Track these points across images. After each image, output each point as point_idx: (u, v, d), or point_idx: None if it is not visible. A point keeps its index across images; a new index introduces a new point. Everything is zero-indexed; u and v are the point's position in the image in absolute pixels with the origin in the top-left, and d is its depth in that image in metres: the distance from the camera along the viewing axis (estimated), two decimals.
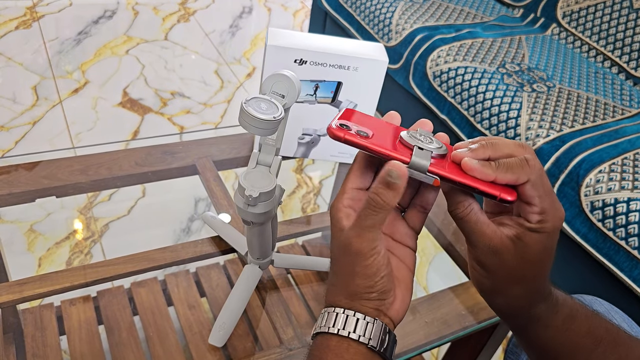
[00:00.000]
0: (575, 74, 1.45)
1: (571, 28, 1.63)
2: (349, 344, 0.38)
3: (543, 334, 0.42)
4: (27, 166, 0.74)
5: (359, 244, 0.38)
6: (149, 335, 0.84)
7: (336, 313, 0.39)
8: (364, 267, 0.38)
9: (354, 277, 0.39)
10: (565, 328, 0.42)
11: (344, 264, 0.39)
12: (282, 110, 0.47)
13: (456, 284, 0.71)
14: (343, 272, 0.40)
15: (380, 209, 0.37)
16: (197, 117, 1.69)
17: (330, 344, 0.39)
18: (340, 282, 0.40)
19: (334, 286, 0.40)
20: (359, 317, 0.39)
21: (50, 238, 1.19)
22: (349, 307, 0.39)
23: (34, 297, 0.59)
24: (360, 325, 0.38)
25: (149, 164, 0.78)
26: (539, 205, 0.37)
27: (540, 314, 0.42)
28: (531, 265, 0.39)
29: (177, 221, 1.29)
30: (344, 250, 0.39)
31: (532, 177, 0.37)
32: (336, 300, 0.40)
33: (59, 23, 2.02)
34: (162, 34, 2.08)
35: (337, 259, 0.40)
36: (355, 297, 0.39)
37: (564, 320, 0.42)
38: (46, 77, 1.73)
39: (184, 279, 0.94)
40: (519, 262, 0.38)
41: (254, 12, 2.40)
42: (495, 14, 1.72)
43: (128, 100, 1.70)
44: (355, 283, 0.39)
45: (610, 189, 1.07)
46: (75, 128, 1.54)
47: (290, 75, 0.50)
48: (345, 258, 0.39)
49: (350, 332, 0.38)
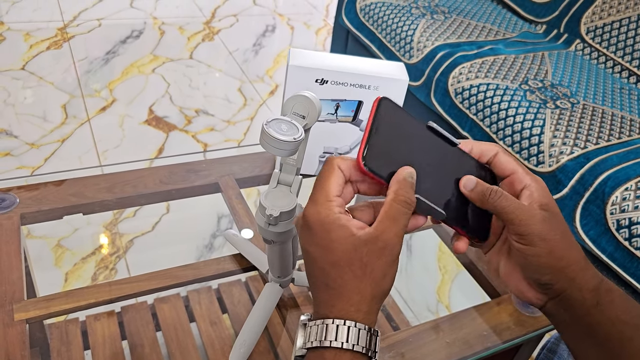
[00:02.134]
0: (600, 90, 1.43)
1: (595, 44, 1.61)
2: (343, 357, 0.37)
3: (594, 311, 0.42)
4: (55, 184, 0.76)
5: (399, 244, 0.39)
6: (171, 351, 0.84)
7: (348, 327, 0.38)
8: (393, 263, 0.39)
9: (383, 278, 0.39)
10: (610, 300, 0.42)
11: (375, 267, 0.38)
12: (302, 131, 0.48)
13: (479, 302, 0.70)
14: (370, 277, 0.38)
15: (410, 207, 0.39)
16: (220, 134, 1.71)
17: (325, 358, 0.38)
18: (360, 287, 0.38)
19: (345, 294, 0.39)
20: (360, 328, 0.38)
21: (77, 253, 1.22)
22: (361, 319, 0.38)
23: (60, 313, 0.61)
24: (363, 336, 0.38)
25: (172, 182, 0.79)
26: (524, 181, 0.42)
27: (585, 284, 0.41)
28: (563, 225, 0.42)
29: (200, 237, 1.31)
30: (377, 253, 0.38)
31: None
32: (349, 311, 0.38)
33: (88, 43, 2.08)
34: (187, 52, 2.13)
35: (354, 265, 0.38)
36: (374, 301, 0.39)
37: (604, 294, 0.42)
38: (75, 96, 1.77)
39: (206, 295, 0.95)
40: (556, 222, 0.41)
41: (277, 31, 2.44)
42: (518, 30, 1.71)
43: (154, 117, 1.73)
44: (385, 283, 0.39)
45: (637, 207, 1.05)
46: (102, 145, 1.58)
47: (310, 96, 0.51)
48: (379, 260, 0.38)
49: (364, 347, 0.37)
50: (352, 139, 0.80)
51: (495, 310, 0.68)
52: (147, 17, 2.33)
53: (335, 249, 0.38)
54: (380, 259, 0.38)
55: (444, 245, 0.81)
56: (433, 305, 1.27)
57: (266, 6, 2.65)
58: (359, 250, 0.38)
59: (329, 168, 0.41)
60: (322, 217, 0.39)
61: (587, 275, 0.41)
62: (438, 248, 1.39)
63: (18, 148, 1.52)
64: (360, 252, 0.38)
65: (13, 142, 1.54)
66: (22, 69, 1.86)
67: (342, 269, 0.38)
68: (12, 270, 0.63)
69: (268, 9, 2.63)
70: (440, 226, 0.81)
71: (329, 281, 0.39)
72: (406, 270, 1.32)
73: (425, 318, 0.75)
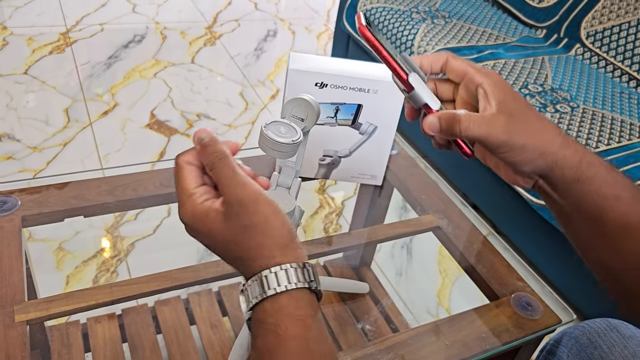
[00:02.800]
0: (600, 94, 1.43)
1: (595, 48, 1.62)
2: (296, 298, 0.39)
3: (575, 187, 0.43)
4: (57, 187, 0.76)
5: (244, 190, 0.40)
6: (171, 353, 0.85)
7: (274, 273, 0.39)
8: (273, 213, 0.41)
9: (265, 222, 0.40)
10: (592, 174, 0.43)
11: (253, 222, 0.40)
12: (300, 133, 0.49)
13: (479, 305, 0.70)
14: (256, 229, 0.40)
15: (221, 159, 0.41)
16: (221, 138, 1.71)
17: (281, 304, 0.39)
18: (263, 242, 0.40)
19: (254, 253, 0.40)
20: (297, 267, 0.39)
21: (78, 256, 1.22)
22: (287, 261, 0.39)
23: (60, 315, 0.61)
24: (303, 274, 0.39)
25: (173, 184, 0.79)
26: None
27: (566, 161, 0.43)
28: (528, 112, 0.44)
29: None
30: (243, 212, 0.40)
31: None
32: (270, 262, 0.40)
33: (91, 48, 2.09)
34: (188, 57, 2.14)
35: (241, 227, 0.40)
36: (286, 248, 0.40)
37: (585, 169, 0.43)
38: (77, 100, 1.78)
39: (207, 298, 0.95)
40: (520, 116, 0.43)
41: (278, 35, 2.45)
42: (518, 34, 1.72)
43: (155, 121, 1.74)
44: (270, 225, 0.40)
45: None
46: (104, 149, 1.58)
47: (309, 99, 0.51)
48: (250, 215, 0.40)
49: (297, 282, 0.39)
50: (351, 142, 0.80)
51: (494, 312, 0.68)
52: (149, 22, 2.35)
53: (215, 229, 0.41)
54: (249, 215, 0.40)
55: (444, 249, 0.81)
56: (433, 308, 1.27)
57: (268, 11, 2.66)
58: (230, 219, 0.40)
59: (177, 168, 0.43)
60: (191, 214, 0.42)
61: (568, 152, 0.43)
62: (438, 252, 1.40)
63: (20, 151, 1.53)
64: (232, 220, 0.40)
65: (15, 145, 1.55)
66: (24, 73, 1.87)
67: (229, 241, 0.41)
68: (13, 272, 0.63)
69: (269, 14, 2.64)
70: (439, 230, 0.81)
71: (230, 253, 0.42)
72: (406, 273, 1.32)
73: (425, 321, 0.75)
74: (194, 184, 0.43)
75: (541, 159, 0.43)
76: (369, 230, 0.84)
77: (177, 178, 0.43)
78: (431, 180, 0.91)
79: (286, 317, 0.38)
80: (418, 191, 0.88)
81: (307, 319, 0.39)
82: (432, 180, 0.91)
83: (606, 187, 0.43)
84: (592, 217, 0.43)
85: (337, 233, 1.41)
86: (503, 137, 0.42)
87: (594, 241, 0.45)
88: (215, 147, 0.42)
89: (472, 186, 1.47)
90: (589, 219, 0.44)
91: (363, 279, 1.01)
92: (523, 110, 0.44)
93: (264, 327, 0.39)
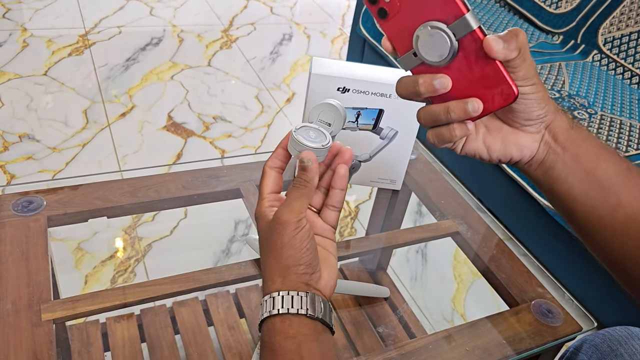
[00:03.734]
0: (618, 101, 1.43)
1: (613, 54, 1.61)
2: (290, 320, 0.43)
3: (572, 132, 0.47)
4: (80, 187, 0.77)
5: (287, 214, 0.45)
6: (189, 354, 0.86)
7: (272, 297, 0.44)
8: (292, 238, 0.44)
9: (282, 248, 0.44)
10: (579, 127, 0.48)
11: (274, 241, 0.45)
12: (330, 138, 0.49)
13: (493, 311, 0.70)
14: (274, 250, 0.45)
15: (302, 186, 0.46)
16: (237, 141, 1.73)
17: (275, 325, 0.43)
18: (272, 261, 0.45)
19: (267, 272, 0.46)
20: (293, 294, 0.43)
21: (97, 256, 1.24)
22: (284, 289, 0.44)
23: (86, 314, 0.62)
24: (297, 301, 0.43)
25: (194, 187, 0.81)
26: None
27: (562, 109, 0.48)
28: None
29: (217, 243, 1.32)
30: (273, 227, 0.45)
31: None
32: (272, 286, 0.45)
33: (109, 50, 2.12)
34: (205, 60, 2.15)
35: (267, 242, 0.46)
36: (287, 272, 0.44)
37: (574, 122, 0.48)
38: (96, 102, 1.80)
39: (225, 299, 0.96)
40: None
41: (293, 39, 2.46)
42: (535, 40, 1.71)
43: (172, 124, 1.75)
44: (286, 255, 0.44)
45: None
46: (121, 150, 1.60)
47: (336, 104, 0.52)
48: (274, 234, 0.45)
49: (289, 308, 0.43)
50: (372, 146, 0.80)
51: (514, 319, 0.68)
52: (167, 25, 2.37)
53: (261, 237, 0.48)
54: (281, 236, 0.45)
55: (460, 254, 0.81)
56: (448, 313, 1.27)
57: (283, 15, 2.68)
58: (267, 232, 0.46)
59: (262, 172, 0.50)
60: (257, 214, 0.48)
61: (560, 106, 0.48)
62: (453, 257, 1.39)
63: (40, 152, 1.55)
64: (268, 234, 0.46)
65: (35, 146, 1.57)
66: (44, 74, 1.90)
67: (264, 252, 0.47)
68: (39, 271, 0.64)
69: (285, 18, 2.65)
70: (458, 235, 0.81)
71: (261, 265, 0.47)
72: (421, 279, 1.32)
73: (442, 327, 0.75)
74: (269, 189, 0.49)
75: (550, 102, 0.46)
76: (387, 234, 0.84)
77: (260, 179, 0.50)
78: (449, 186, 0.91)
79: (279, 335, 0.43)
80: (437, 196, 0.88)
81: (300, 337, 0.43)
82: (450, 186, 0.91)
83: (594, 138, 0.47)
84: (590, 165, 0.46)
85: (354, 237, 1.41)
86: (532, 70, 0.44)
87: (593, 197, 0.47)
88: (307, 176, 0.47)
89: (486, 191, 1.47)
90: (587, 168, 0.46)
91: (379, 283, 1.01)
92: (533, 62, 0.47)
93: (263, 345, 0.44)
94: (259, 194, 0.49)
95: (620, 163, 0.46)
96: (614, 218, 0.46)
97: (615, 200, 0.45)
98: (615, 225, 0.46)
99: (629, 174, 0.46)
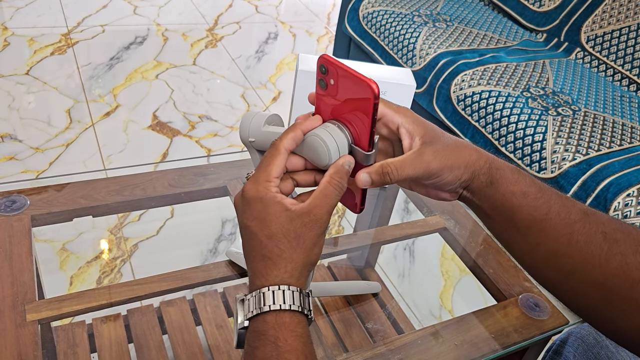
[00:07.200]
0: (601, 98, 1.44)
1: (595, 52, 1.63)
2: (299, 319, 0.42)
3: (489, 190, 0.48)
4: (65, 186, 0.76)
5: (327, 215, 0.43)
6: (177, 354, 0.85)
7: (291, 291, 0.42)
8: (323, 239, 0.44)
9: (314, 247, 0.43)
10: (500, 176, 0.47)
11: (305, 236, 0.43)
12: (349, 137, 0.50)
13: (481, 307, 0.71)
14: (302, 245, 0.43)
15: (340, 189, 0.44)
16: (224, 139, 1.72)
17: (284, 320, 0.41)
18: (296, 255, 0.43)
19: (283, 263, 0.43)
20: (303, 294, 0.43)
21: (82, 257, 1.22)
22: (297, 285, 0.42)
23: (71, 314, 0.61)
24: (306, 301, 0.43)
25: (181, 185, 0.80)
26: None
27: (480, 169, 0.47)
28: (444, 137, 0.47)
29: (204, 242, 1.31)
30: (307, 222, 0.43)
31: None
32: (288, 279, 0.42)
33: (92, 49, 2.09)
34: (190, 59, 2.14)
35: (291, 234, 0.43)
36: (305, 269, 0.43)
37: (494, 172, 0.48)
38: (79, 101, 1.78)
39: (212, 298, 0.95)
40: (439, 143, 0.46)
41: (279, 38, 2.46)
42: (519, 38, 1.73)
43: (157, 123, 1.74)
44: (315, 252, 0.44)
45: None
46: (106, 150, 1.58)
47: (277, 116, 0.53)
48: (305, 229, 0.43)
49: (299, 307, 0.42)
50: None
51: (502, 313, 0.69)
52: (151, 24, 2.35)
53: (271, 221, 0.43)
54: (312, 231, 0.43)
55: (447, 251, 0.82)
56: (436, 309, 1.27)
57: (268, 14, 2.67)
58: (293, 222, 0.42)
59: (274, 151, 0.45)
60: (261, 194, 0.43)
61: (480, 162, 0.47)
62: (440, 254, 1.40)
63: (23, 152, 1.53)
64: (295, 224, 0.42)
65: (18, 146, 1.55)
66: (26, 74, 1.87)
67: (279, 239, 0.42)
68: (23, 271, 0.63)
69: (270, 17, 2.65)
70: (446, 231, 0.82)
71: (266, 252, 0.43)
72: (409, 275, 1.33)
73: (429, 322, 0.75)
74: (277, 173, 0.44)
75: (466, 172, 0.46)
76: (375, 231, 0.85)
77: (267, 159, 0.44)
78: None
79: (287, 331, 0.41)
80: None
81: (306, 338, 0.42)
82: None
83: (513, 186, 0.46)
84: (506, 214, 0.47)
85: (342, 234, 1.41)
86: (434, 165, 0.45)
87: (514, 238, 0.48)
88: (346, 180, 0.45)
89: None
90: (504, 216, 0.47)
91: (368, 280, 1.01)
92: (441, 136, 0.47)
93: (263, 339, 0.41)
94: (264, 174, 0.44)
95: (539, 208, 0.46)
96: (533, 255, 0.47)
97: (534, 241, 0.46)
98: (537, 260, 0.48)
99: (546, 220, 0.46)
